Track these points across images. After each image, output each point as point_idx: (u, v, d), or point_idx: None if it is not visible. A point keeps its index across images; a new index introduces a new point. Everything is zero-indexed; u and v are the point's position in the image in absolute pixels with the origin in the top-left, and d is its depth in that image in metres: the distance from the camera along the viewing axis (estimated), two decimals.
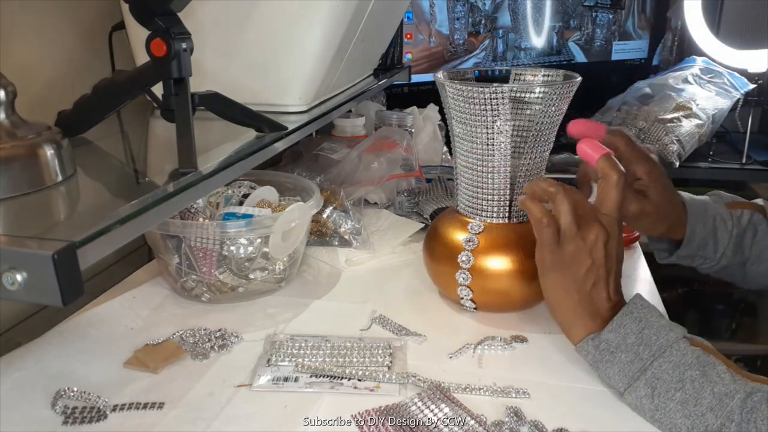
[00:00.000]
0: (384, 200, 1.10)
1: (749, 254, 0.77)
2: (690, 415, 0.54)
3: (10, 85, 0.50)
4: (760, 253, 0.77)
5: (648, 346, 0.57)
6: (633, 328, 0.58)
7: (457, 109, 0.70)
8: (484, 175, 0.71)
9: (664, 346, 0.57)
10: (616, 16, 1.95)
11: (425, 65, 1.60)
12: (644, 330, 0.58)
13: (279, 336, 0.70)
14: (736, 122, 1.75)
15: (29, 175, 0.49)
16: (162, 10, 0.54)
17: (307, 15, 0.72)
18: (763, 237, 0.77)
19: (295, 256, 0.83)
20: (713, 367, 0.55)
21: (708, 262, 0.79)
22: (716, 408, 0.53)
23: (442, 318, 0.76)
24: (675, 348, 0.57)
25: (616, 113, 1.68)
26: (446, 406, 0.57)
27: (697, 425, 0.53)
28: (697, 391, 0.54)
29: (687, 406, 0.54)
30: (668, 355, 0.56)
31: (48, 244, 0.37)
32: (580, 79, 0.70)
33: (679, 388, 0.55)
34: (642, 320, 0.59)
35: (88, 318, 0.72)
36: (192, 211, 0.78)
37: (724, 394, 0.53)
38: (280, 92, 0.78)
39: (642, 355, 0.57)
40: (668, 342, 0.57)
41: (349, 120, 1.19)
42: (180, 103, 0.56)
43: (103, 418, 0.56)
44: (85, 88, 0.62)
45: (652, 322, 0.59)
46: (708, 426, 0.53)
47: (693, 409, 0.54)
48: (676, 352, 0.56)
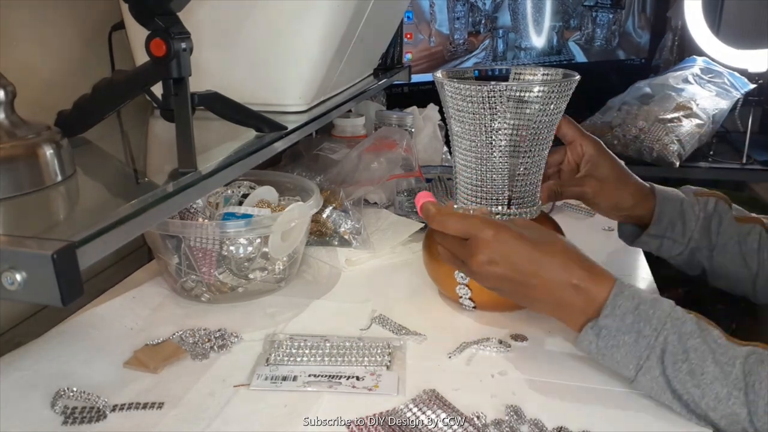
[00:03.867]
0: (384, 200, 1.10)
1: (716, 242, 0.78)
2: (700, 385, 0.54)
3: (10, 85, 0.50)
4: (725, 243, 0.78)
5: (648, 322, 0.57)
6: (628, 307, 0.58)
7: (456, 108, 0.70)
8: (482, 174, 0.71)
9: (663, 317, 0.57)
10: (616, 16, 1.95)
11: (425, 65, 1.60)
12: (640, 306, 0.58)
13: (278, 336, 0.70)
14: (736, 122, 1.75)
15: (29, 175, 0.49)
16: (161, 10, 0.54)
17: (307, 15, 0.72)
18: (728, 227, 0.78)
19: (295, 256, 0.83)
20: (709, 332, 0.56)
21: (677, 246, 0.79)
22: (720, 378, 0.53)
23: (441, 317, 0.76)
24: (674, 316, 0.57)
25: (616, 113, 1.68)
26: (443, 412, 0.57)
27: (707, 394, 0.54)
28: (701, 360, 0.54)
29: (695, 376, 0.54)
30: (670, 326, 0.56)
31: (48, 244, 0.37)
32: (579, 78, 0.70)
33: (684, 359, 0.55)
34: (635, 297, 0.58)
35: (88, 318, 0.73)
36: (192, 211, 0.78)
37: (725, 363, 0.54)
38: (280, 92, 0.78)
39: (644, 332, 0.57)
40: (665, 312, 0.57)
41: (349, 120, 1.19)
42: (180, 103, 0.56)
43: (103, 418, 0.56)
44: (85, 88, 0.62)
45: (644, 297, 0.58)
46: (717, 393, 0.53)
47: (701, 378, 0.54)
48: (676, 321, 0.56)
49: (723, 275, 0.79)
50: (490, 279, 0.62)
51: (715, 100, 1.66)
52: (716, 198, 0.80)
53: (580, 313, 0.60)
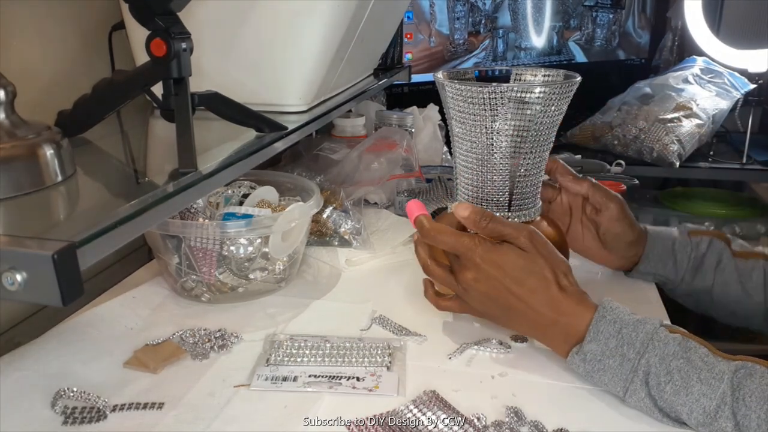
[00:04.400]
0: (384, 200, 1.10)
1: (713, 280, 0.78)
2: (686, 403, 0.54)
3: (10, 85, 0.50)
4: (726, 281, 0.78)
5: (631, 345, 0.57)
6: (611, 331, 0.59)
7: (457, 109, 0.70)
8: (483, 175, 0.71)
9: (646, 340, 0.57)
10: (616, 16, 1.95)
11: (425, 65, 1.60)
12: (622, 330, 0.58)
13: (279, 336, 0.70)
14: (736, 122, 1.75)
15: (29, 175, 0.49)
16: (162, 10, 0.54)
17: (307, 15, 0.72)
18: (727, 265, 0.78)
19: (295, 256, 0.83)
20: (695, 351, 0.56)
21: (669, 283, 0.81)
22: (708, 393, 0.53)
23: (442, 318, 0.76)
24: (656, 339, 0.57)
25: (616, 113, 1.68)
26: (443, 413, 0.57)
27: (695, 410, 0.54)
28: (685, 381, 0.54)
29: (680, 395, 0.54)
30: (652, 348, 0.56)
31: (48, 244, 0.37)
32: (580, 79, 0.70)
33: (668, 380, 0.55)
34: (617, 321, 0.59)
35: (88, 318, 0.72)
36: (192, 211, 0.78)
37: (712, 378, 0.54)
38: (280, 92, 0.78)
39: (628, 355, 0.57)
40: (648, 335, 0.57)
41: (349, 120, 1.19)
42: (180, 103, 0.56)
43: (103, 418, 0.56)
44: (85, 88, 0.62)
45: (627, 320, 0.59)
46: (705, 408, 0.53)
47: (686, 398, 0.54)
48: (658, 343, 0.57)
49: (730, 312, 0.79)
50: (476, 296, 0.64)
51: (715, 100, 1.66)
52: (711, 237, 0.80)
53: (563, 339, 0.62)
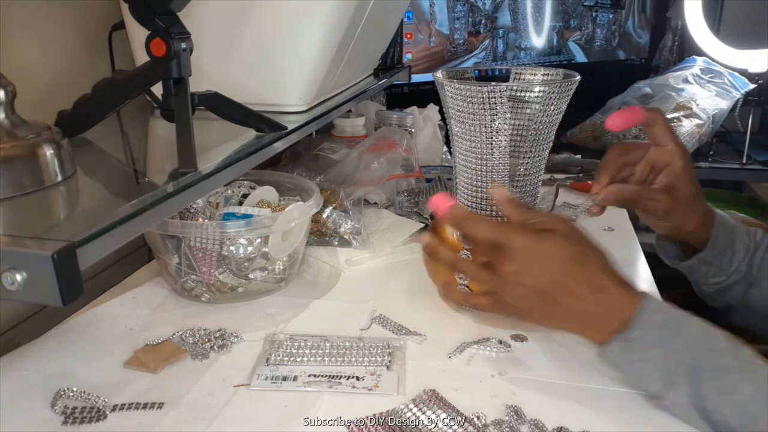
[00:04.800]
0: (384, 200, 1.10)
1: (755, 275, 0.74)
2: (733, 404, 0.52)
3: (10, 85, 0.50)
4: (762, 278, 0.74)
5: (678, 337, 0.55)
6: (658, 321, 0.55)
7: (456, 108, 0.70)
8: (483, 175, 0.71)
9: (695, 334, 0.55)
10: (616, 16, 1.95)
11: (425, 65, 1.60)
12: (670, 321, 0.56)
13: (278, 336, 0.70)
14: (736, 122, 1.75)
15: (29, 175, 0.49)
16: (162, 10, 0.54)
17: (307, 15, 0.72)
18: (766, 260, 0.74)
19: (295, 256, 0.83)
20: (742, 351, 0.53)
21: (720, 274, 0.75)
22: (756, 398, 0.51)
23: (441, 317, 0.76)
24: (706, 333, 0.54)
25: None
26: (443, 412, 0.57)
27: (742, 415, 0.51)
28: (735, 380, 0.52)
29: (727, 395, 0.52)
30: (702, 343, 0.54)
31: (48, 244, 0.37)
32: (579, 78, 0.70)
33: (717, 377, 0.52)
34: (667, 312, 0.56)
35: (88, 318, 0.72)
36: (192, 211, 0.78)
37: (760, 381, 0.51)
38: (280, 92, 0.78)
39: (674, 347, 0.54)
40: (698, 328, 0.55)
41: (349, 120, 1.19)
42: (180, 103, 0.56)
43: (103, 418, 0.56)
44: (85, 88, 0.62)
45: (675, 313, 0.56)
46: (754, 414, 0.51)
47: (733, 397, 0.52)
48: (708, 337, 0.54)
49: (756, 310, 0.75)
50: (517, 290, 0.59)
51: (715, 100, 1.66)
52: (762, 230, 0.75)
53: (603, 326, 0.58)
